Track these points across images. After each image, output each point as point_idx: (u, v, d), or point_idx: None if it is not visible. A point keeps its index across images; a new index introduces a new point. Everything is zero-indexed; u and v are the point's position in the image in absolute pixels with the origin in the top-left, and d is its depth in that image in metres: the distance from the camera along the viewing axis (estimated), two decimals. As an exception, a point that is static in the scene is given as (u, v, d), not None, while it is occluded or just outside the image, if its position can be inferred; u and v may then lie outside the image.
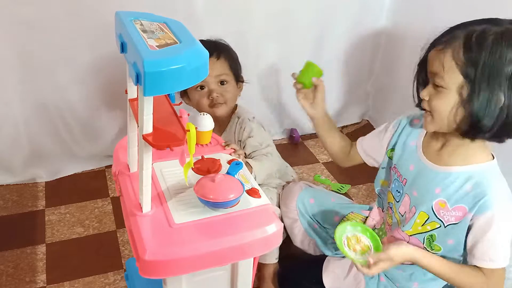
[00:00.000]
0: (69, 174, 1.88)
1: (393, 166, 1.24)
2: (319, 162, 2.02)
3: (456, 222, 1.10)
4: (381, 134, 1.28)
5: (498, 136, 1.04)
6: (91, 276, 1.46)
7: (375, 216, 1.37)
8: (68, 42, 1.66)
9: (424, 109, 1.10)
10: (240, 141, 1.53)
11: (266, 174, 1.45)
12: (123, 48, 0.83)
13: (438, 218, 1.12)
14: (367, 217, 1.38)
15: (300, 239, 1.44)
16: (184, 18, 1.66)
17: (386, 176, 1.30)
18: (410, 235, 1.17)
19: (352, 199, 1.79)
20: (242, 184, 0.94)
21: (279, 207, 1.48)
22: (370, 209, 1.40)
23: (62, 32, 1.63)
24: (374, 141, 1.30)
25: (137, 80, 0.74)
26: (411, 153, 1.19)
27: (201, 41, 1.39)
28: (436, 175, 1.12)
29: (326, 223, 1.41)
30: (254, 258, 0.99)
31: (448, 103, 1.03)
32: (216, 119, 1.34)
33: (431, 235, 1.14)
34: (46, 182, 1.84)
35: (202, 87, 1.48)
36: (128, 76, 0.91)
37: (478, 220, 1.07)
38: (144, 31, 0.80)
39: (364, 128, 2.23)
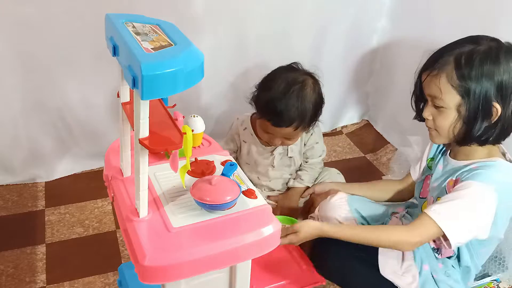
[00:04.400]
0: (69, 174, 1.88)
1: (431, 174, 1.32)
2: (319, 161, 2.01)
3: None
4: (421, 158, 1.39)
5: (493, 141, 1.17)
6: (91, 276, 1.46)
7: None
8: (68, 42, 1.66)
9: (428, 126, 1.22)
10: (305, 144, 1.61)
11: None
12: (115, 51, 0.83)
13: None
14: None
15: None
16: (183, 19, 1.68)
17: (419, 186, 1.38)
18: None
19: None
20: (238, 185, 0.94)
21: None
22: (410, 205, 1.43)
23: (62, 32, 1.63)
24: (418, 165, 1.40)
25: (134, 84, 0.73)
26: (442, 156, 1.30)
27: (289, 86, 1.42)
28: (455, 165, 1.23)
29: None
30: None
31: (449, 120, 1.17)
32: None
33: None
34: (46, 182, 1.84)
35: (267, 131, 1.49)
36: (121, 80, 0.91)
37: (461, 182, 1.15)
38: (137, 33, 0.80)
39: (363, 128, 2.23)
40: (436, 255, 1.24)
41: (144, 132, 0.80)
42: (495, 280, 1.37)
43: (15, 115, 1.72)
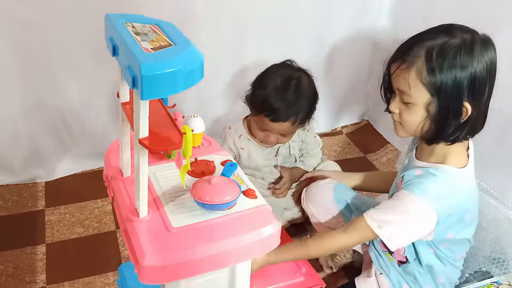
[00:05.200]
0: (69, 174, 1.88)
1: None
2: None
3: None
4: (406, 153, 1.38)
5: (460, 139, 1.13)
6: (91, 276, 1.46)
7: None
8: (68, 42, 1.66)
9: (393, 119, 1.18)
10: (303, 141, 1.64)
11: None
12: (114, 51, 0.83)
13: None
14: None
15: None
16: (183, 17, 1.68)
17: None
18: None
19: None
20: (238, 185, 0.94)
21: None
22: None
23: (62, 32, 1.63)
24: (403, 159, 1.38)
25: (133, 84, 0.73)
26: (412, 151, 1.27)
27: (285, 82, 1.44)
28: (409, 167, 1.21)
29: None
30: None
31: (416, 118, 1.11)
32: None
33: None
34: (46, 182, 1.84)
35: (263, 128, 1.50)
36: (121, 79, 0.91)
37: (397, 193, 1.17)
38: (137, 33, 0.80)
39: (364, 128, 2.23)
40: (391, 255, 1.27)
41: (144, 132, 0.80)
42: (495, 282, 1.37)
43: (15, 115, 1.72)
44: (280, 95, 1.43)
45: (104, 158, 1.08)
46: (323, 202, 1.41)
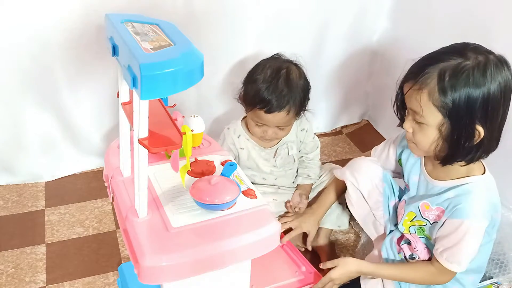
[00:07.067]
0: (69, 174, 1.88)
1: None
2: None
3: (438, 221, 1.19)
4: (388, 144, 1.40)
5: (475, 160, 1.14)
6: (91, 276, 1.46)
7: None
8: (68, 42, 1.66)
9: (407, 138, 1.19)
10: (302, 141, 1.63)
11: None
12: (114, 51, 0.83)
13: (423, 218, 1.22)
14: None
15: (364, 215, 1.43)
16: (182, 17, 1.68)
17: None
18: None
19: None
20: (238, 185, 0.94)
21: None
22: None
23: (62, 31, 1.63)
24: (384, 150, 1.41)
25: (133, 84, 0.73)
26: (416, 164, 1.28)
27: (275, 73, 1.45)
28: (431, 187, 1.22)
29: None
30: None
31: (429, 138, 1.12)
32: None
33: (421, 227, 1.25)
34: (46, 182, 1.84)
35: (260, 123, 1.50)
36: (120, 79, 0.91)
37: (448, 222, 1.15)
38: (137, 33, 0.80)
39: (363, 128, 2.23)
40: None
41: (144, 132, 0.80)
42: (495, 283, 1.37)
43: (15, 114, 1.72)
44: (271, 86, 1.44)
45: (104, 158, 1.09)
46: (370, 174, 1.38)
